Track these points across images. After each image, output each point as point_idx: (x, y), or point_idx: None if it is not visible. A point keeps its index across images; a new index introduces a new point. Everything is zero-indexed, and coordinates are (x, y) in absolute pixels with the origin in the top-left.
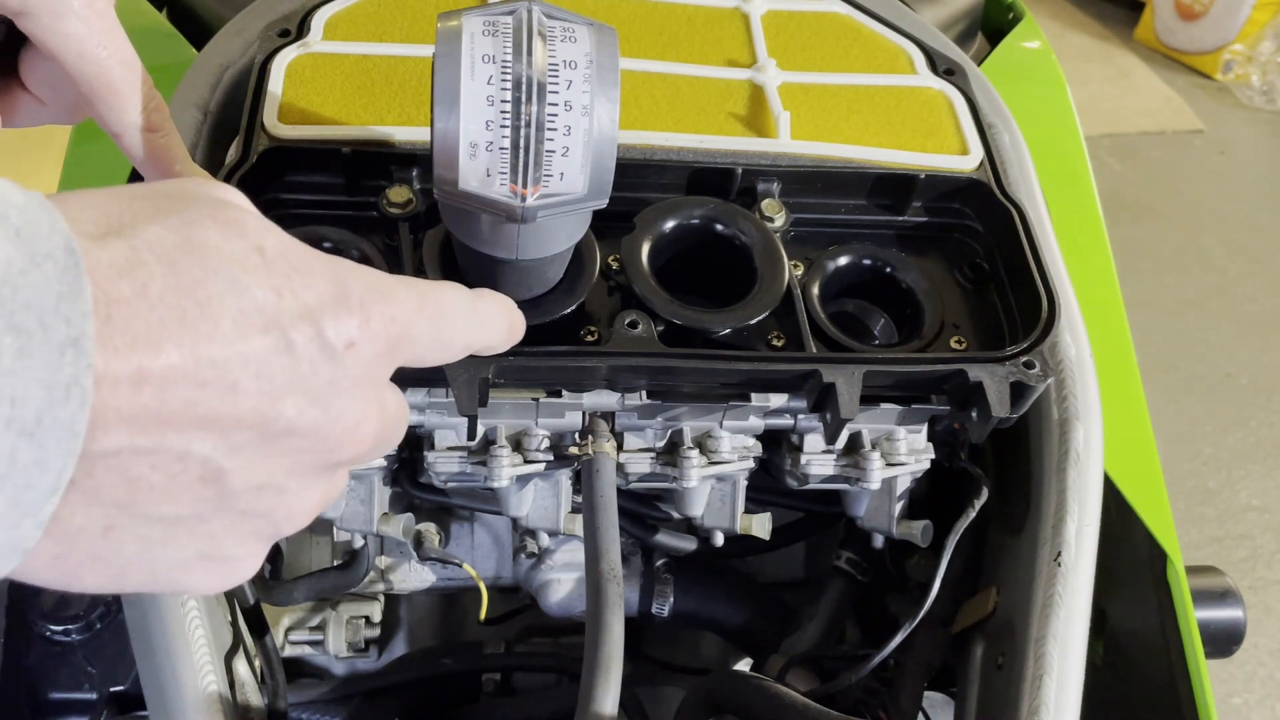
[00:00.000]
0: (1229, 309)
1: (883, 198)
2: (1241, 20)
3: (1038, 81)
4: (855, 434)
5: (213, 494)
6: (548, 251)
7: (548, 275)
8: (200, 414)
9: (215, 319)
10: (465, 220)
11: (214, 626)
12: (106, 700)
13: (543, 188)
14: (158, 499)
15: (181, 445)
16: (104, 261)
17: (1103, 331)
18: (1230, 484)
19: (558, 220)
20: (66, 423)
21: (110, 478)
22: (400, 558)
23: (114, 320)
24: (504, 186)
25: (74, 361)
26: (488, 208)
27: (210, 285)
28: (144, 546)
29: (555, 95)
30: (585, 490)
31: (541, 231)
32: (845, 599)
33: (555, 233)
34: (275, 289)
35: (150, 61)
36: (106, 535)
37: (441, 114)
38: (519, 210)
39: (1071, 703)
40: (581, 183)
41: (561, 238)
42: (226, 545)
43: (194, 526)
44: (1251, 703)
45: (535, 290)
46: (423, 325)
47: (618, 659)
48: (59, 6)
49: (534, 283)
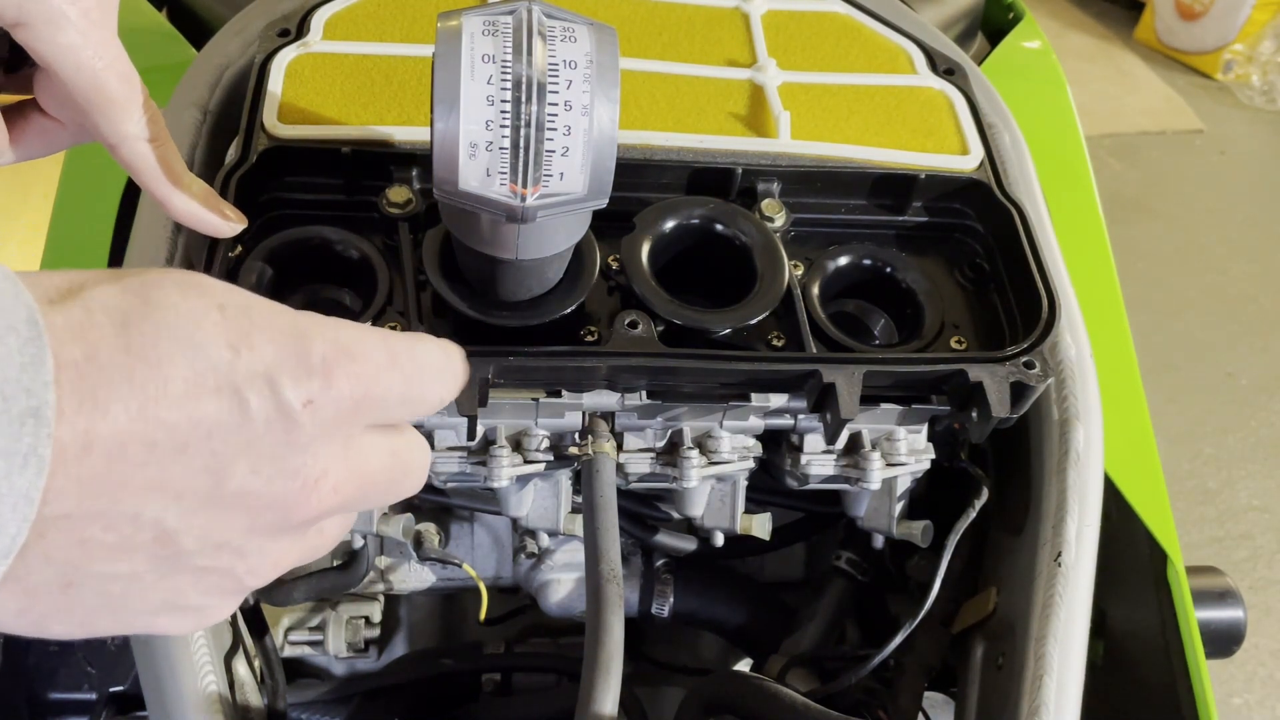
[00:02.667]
0: (1229, 309)
1: (883, 198)
2: (1241, 20)
3: (1038, 81)
4: (855, 434)
5: (169, 553)
6: (548, 251)
7: (547, 275)
8: (150, 476)
9: (165, 379)
10: (465, 220)
11: (214, 627)
12: (106, 700)
13: (542, 188)
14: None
15: (132, 508)
16: (58, 325)
17: (1103, 331)
18: (1230, 484)
19: (557, 220)
20: (23, 490)
21: (62, 539)
22: (400, 558)
23: (62, 384)
24: (504, 187)
25: (34, 431)
26: (487, 208)
27: (163, 344)
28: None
29: (555, 95)
30: (585, 490)
31: (541, 231)
32: (845, 599)
33: (555, 233)
34: (232, 346)
35: (150, 61)
36: (66, 591)
37: (441, 114)
38: (519, 210)
39: (1071, 703)
40: (581, 183)
41: (561, 238)
42: (191, 597)
43: (155, 581)
44: (1251, 703)
45: (535, 290)
46: (393, 382)
47: (618, 659)
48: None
49: (534, 283)
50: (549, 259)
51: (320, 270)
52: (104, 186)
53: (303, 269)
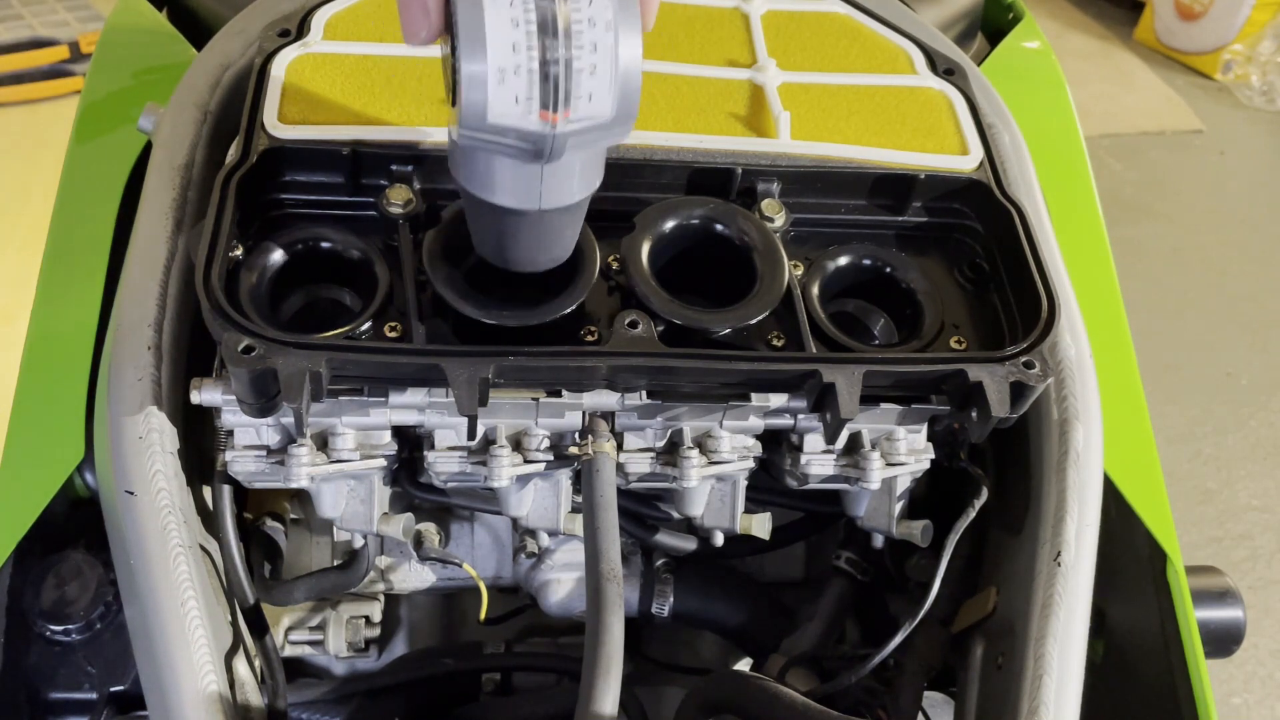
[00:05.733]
0: (1229, 309)
1: (883, 198)
2: (1241, 20)
3: (1038, 81)
4: (855, 434)
5: None
6: (569, 199)
7: (566, 235)
8: None
9: None
10: (486, 172)
11: (214, 626)
12: (106, 700)
13: (572, 111)
14: None
15: None
16: None
17: (1103, 331)
18: (1230, 484)
19: (579, 161)
20: None
21: None
22: (400, 558)
23: None
24: (533, 116)
25: None
26: (517, 141)
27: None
28: None
29: (579, 12)
30: (585, 490)
31: (564, 173)
32: (845, 599)
33: (576, 176)
34: None
35: (150, 61)
36: None
37: (466, 44)
38: (549, 138)
39: (1071, 703)
40: (609, 105)
41: (581, 182)
42: None
43: None
44: (1251, 703)
45: (552, 252)
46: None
47: (618, 659)
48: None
49: (552, 243)
50: (568, 214)
51: (321, 270)
52: (104, 187)
53: (303, 269)
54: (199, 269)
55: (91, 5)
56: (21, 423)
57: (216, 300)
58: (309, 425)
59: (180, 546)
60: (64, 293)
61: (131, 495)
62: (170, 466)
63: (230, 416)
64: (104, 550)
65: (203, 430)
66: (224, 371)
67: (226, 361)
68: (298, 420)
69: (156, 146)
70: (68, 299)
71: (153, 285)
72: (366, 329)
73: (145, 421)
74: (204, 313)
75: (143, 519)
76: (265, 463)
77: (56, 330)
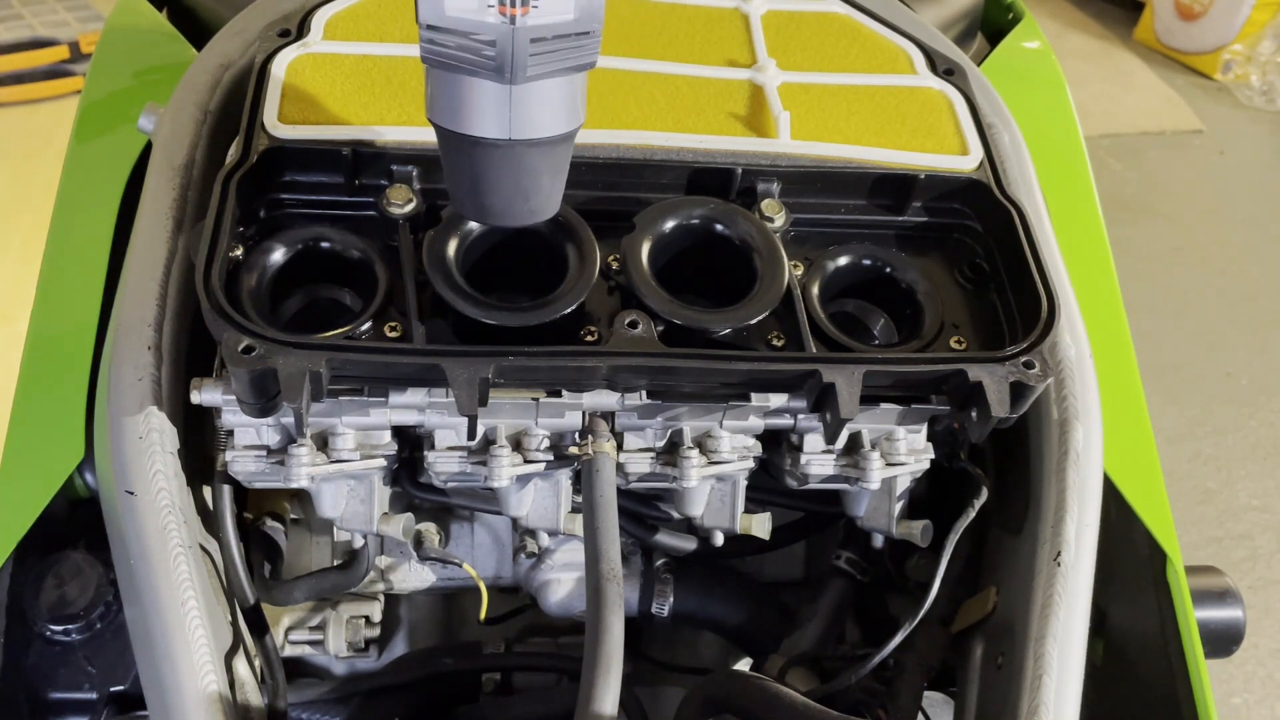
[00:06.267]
0: (1229, 309)
1: (882, 198)
2: (1241, 20)
3: (1038, 81)
4: (855, 434)
5: None
6: (540, 131)
7: (544, 183)
8: None
9: None
10: (454, 95)
11: (214, 626)
12: (106, 700)
13: (532, 7)
14: None
15: None
16: None
17: (1103, 331)
18: (1230, 484)
19: (548, 89)
20: None
21: None
22: (400, 558)
23: None
24: (492, 9)
25: None
26: (477, 42)
27: None
28: None
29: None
30: (585, 490)
31: (533, 99)
32: (845, 599)
33: (547, 104)
34: None
35: (150, 61)
36: None
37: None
38: (509, 34)
39: (1071, 703)
40: (569, 3)
41: (552, 115)
42: None
43: None
44: (1251, 703)
45: (531, 202)
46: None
47: (618, 659)
48: None
49: (530, 188)
50: (545, 155)
51: (320, 270)
52: (105, 186)
53: (303, 269)
54: (199, 269)
55: (91, 5)
56: (21, 423)
57: (216, 300)
58: (309, 425)
59: (180, 546)
60: (64, 293)
61: (132, 495)
62: (170, 466)
63: (230, 416)
64: (104, 550)
65: (203, 430)
66: (224, 371)
67: (226, 361)
68: (298, 420)
69: (156, 146)
70: (68, 299)
71: (153, 285)
72: (366, 329)
73: (145, 421)
74: (204, 313)
75: (143, 519)
76: (265, 463)
77: (56, 330)
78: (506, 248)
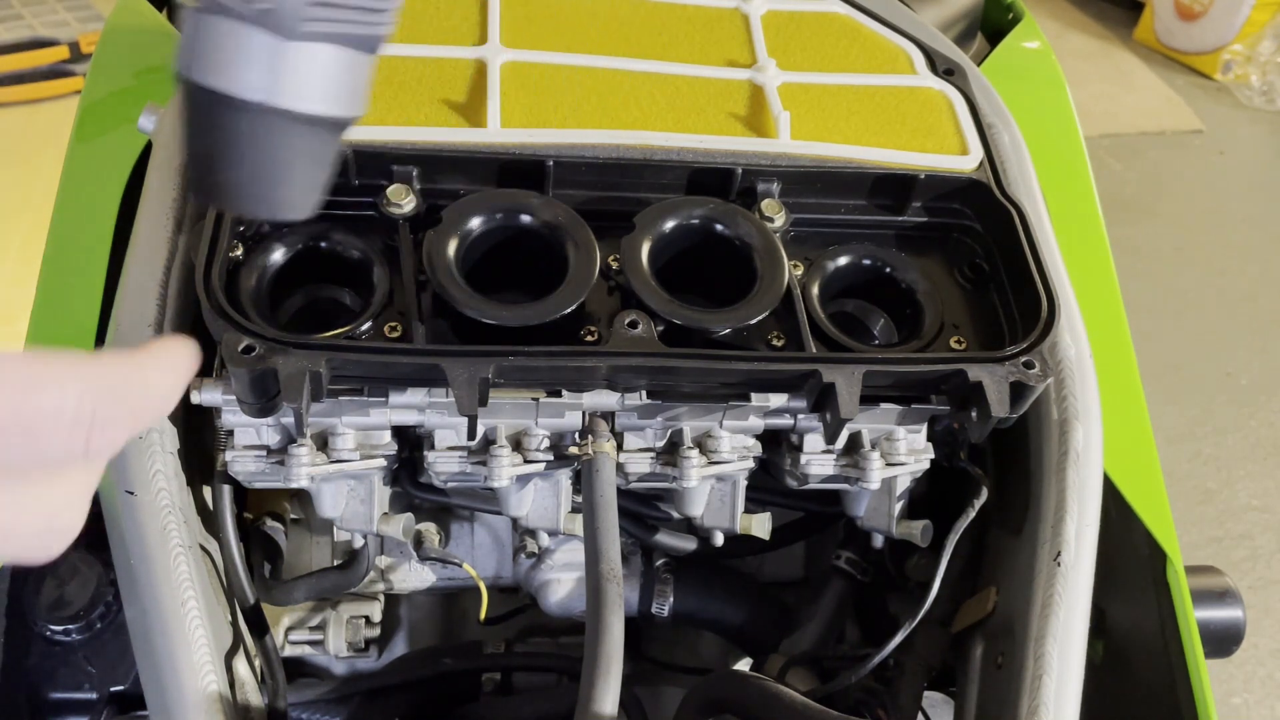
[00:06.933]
0: (1229, 309)
1: (882, 198)
2: (1241, 20)
3: (1038, 81)
4: (855, 434)
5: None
6: (306, 104)
7: (296, 172)
8: None
9: None
10: (212, 40)
11: (214, 626)
12: (106, 700)
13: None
14: None
15: None
16: None
17: (1103, 331)
18: (1230, 484)
19: (325, 56)
20: None
21: None
22: (400, 558)
23: None
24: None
25: None
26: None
27: None
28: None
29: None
30: (585, 490)
31: (306, 63)
32: (845, 599)
33: (319, 76)
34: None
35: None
36: None
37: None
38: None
39: (1071, 703)
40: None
41: (323, 91)
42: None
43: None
44: (1251, 703)
45: (276, 191)
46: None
47: (618, 659)
48: None
49: (279, 170)
50: (304, 137)
51: (320, 270)
52: (105, 186)
53: (303, 269)
54: (199, 269)
55: (91, 5)
56: None
57: (216, 300)
58: (309, 425)
59: (180, 546)
60: (64, 293)
61: (131, 495)
62: (170, 466)
63: (230, 416)
64: (104, 550)
65: (203, 430)
66: (224, 371)
67: (226, 361)
68: (298, 420)
69: (157, 146)
70: (68, 299)
71: (153, 285)
72: (367, 329)
73: None
74: (204, 313)
75: (143, 519)
76: (265, 463)
77: (56, 330)
78: (506, 248)
